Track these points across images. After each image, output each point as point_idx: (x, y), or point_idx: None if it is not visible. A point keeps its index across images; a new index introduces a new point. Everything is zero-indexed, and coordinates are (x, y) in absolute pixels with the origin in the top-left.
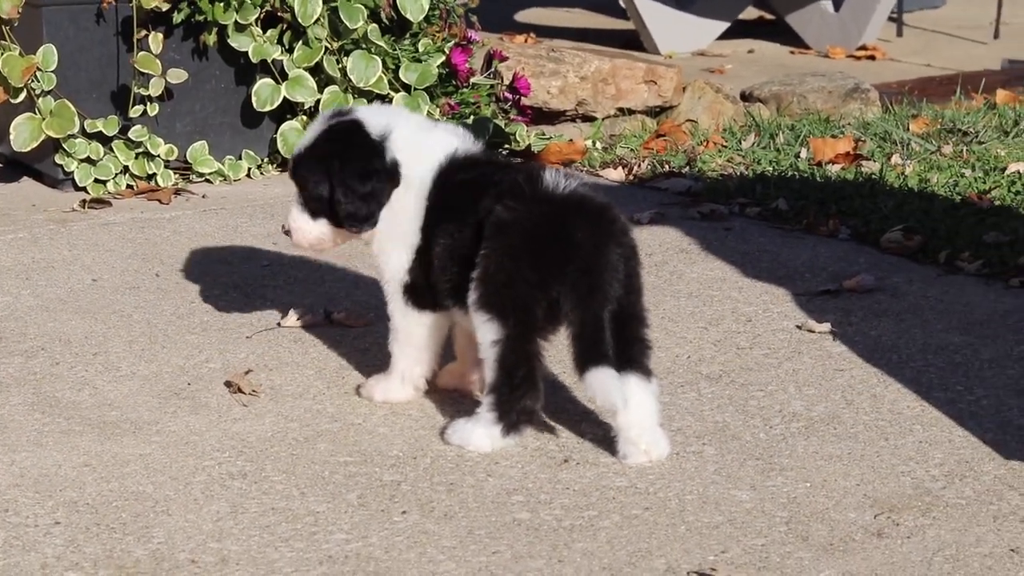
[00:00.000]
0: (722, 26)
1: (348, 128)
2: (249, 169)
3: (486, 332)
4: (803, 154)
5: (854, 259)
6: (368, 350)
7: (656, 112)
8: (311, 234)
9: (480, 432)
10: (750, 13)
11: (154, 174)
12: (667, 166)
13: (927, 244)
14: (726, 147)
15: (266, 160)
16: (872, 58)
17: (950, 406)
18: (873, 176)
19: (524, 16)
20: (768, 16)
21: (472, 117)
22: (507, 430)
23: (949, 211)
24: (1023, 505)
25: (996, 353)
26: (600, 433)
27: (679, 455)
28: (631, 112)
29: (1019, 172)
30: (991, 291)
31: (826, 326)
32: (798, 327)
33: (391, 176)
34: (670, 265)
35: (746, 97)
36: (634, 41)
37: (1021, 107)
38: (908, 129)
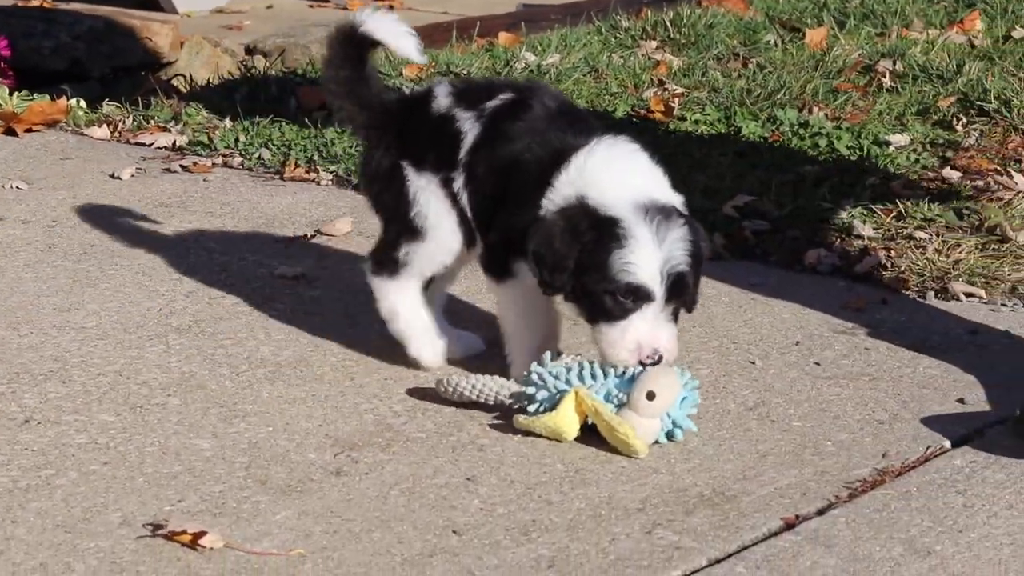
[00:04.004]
0: None
1: None
2: None
3: None
4: (293, 103)
5: (334, 204)
6: None
7: (156, 68)
8: None
9: None
10: None
11: None
12: (153, 121)
13: None
14: (217, 101)
15: None
16: (391, 8)
17: None
18: None
19: None
20: None
21: None
22: None
23: None
24: (482, 434)
25: (466, 287)
26: (64, 391)
27: (143, 408)
28: (128, 69)
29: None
30: None
31: (299, 270)
32: (272, 274)
33: None
34: (149, 219)
35: (251, 51)
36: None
37: (519, 48)
38: (401, 74)
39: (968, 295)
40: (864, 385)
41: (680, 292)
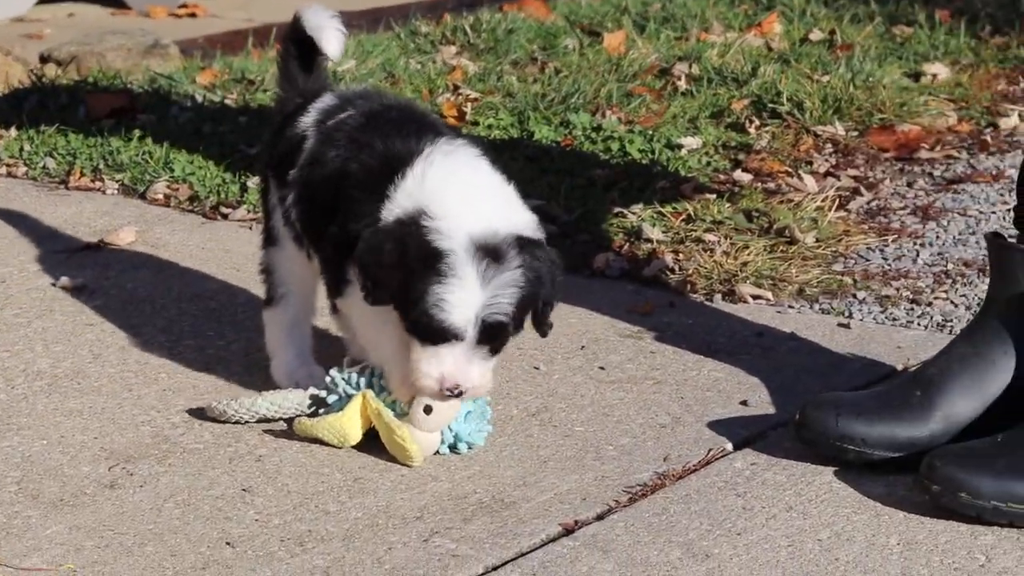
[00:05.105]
0: None
1: None
2: None
3: None
4: (82, 111)
5: (119, 213)
6: None
7: None
8: None
9: None
10: None
11: None
12: None
13: (195, 195)
14: (4, 110)
15: None
16: (193, 15)
17: (199, 352)
18: (146, 130)
19: None
20: None
21: None
22: None
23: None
24: (260, 444)
25: (251, 297)
26: None
27: None
28: None
29: None
30: (254, 235)
31: (80, 281)
32: (53, 285)
33: None
34: None
35: (45, 59)
36: None
37: None
38: (195, 81)
39: (755, 297)
40: (648, 389)
41: (495, 338)
